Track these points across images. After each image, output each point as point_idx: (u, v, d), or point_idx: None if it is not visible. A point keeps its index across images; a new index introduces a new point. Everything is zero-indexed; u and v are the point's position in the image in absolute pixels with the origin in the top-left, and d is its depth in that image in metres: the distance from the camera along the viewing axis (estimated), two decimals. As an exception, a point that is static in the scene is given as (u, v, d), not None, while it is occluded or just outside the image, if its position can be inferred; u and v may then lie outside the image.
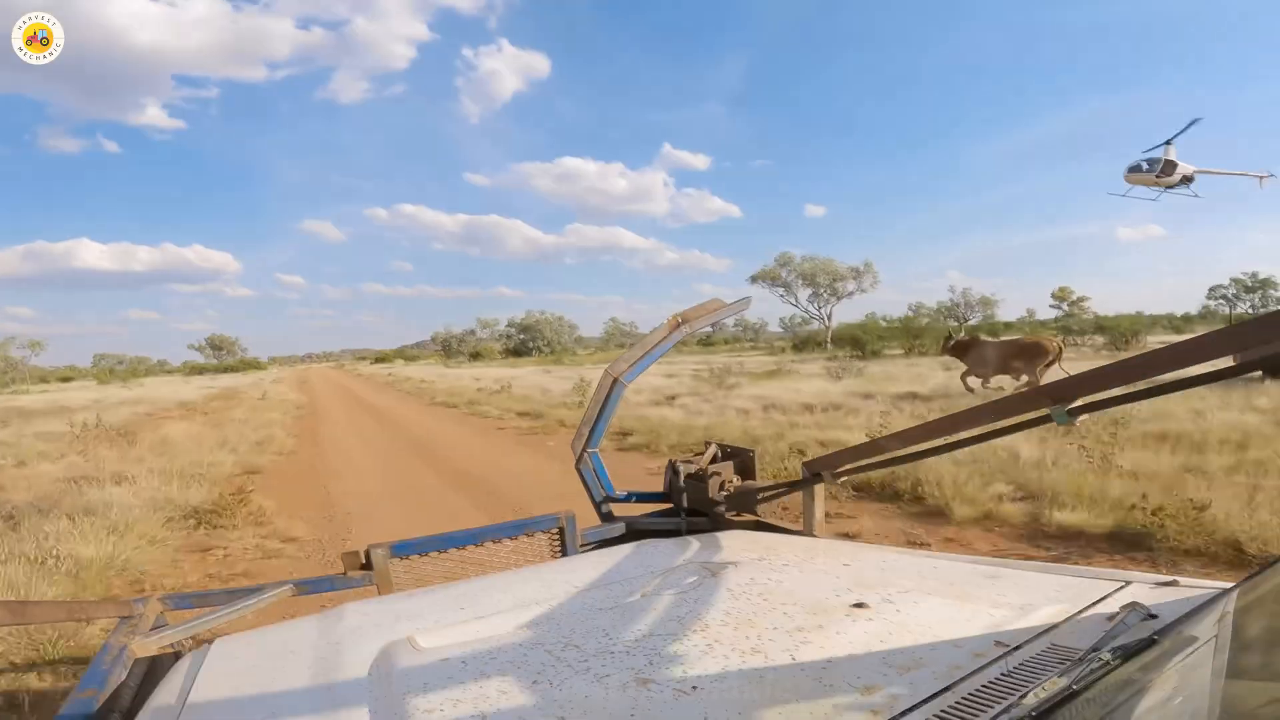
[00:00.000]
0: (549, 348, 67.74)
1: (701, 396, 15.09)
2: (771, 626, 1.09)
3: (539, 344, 68.84)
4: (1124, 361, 1.12)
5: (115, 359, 79.55)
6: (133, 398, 27.62)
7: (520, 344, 70.70)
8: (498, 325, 76.90)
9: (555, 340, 70.58)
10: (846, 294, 54.23)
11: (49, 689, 3.21)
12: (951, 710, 0.79)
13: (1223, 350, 1.00)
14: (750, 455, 2.28)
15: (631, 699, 0.90)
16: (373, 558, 1.85)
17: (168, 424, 15.58)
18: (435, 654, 1.09)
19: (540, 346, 68.98)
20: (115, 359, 79.55)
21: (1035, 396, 1.25)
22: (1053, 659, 0.89)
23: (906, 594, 1.18)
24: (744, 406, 12.78)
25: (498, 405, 16.91)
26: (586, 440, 2.20)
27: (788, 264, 54.59)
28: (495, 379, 25.19)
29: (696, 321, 2.26)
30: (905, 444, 1.68)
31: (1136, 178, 26.56)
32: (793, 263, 54.40)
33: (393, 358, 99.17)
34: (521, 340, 71.68)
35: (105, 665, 1.32)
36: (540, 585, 1.43)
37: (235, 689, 1.08)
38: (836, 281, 54.02)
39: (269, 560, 5.38)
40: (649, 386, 16.49)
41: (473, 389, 22.36)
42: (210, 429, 14.09)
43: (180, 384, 44.85)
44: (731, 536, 1.77)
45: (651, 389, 16.23)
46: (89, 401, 24.36)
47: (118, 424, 14.28)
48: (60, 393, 36.63)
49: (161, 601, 1.71)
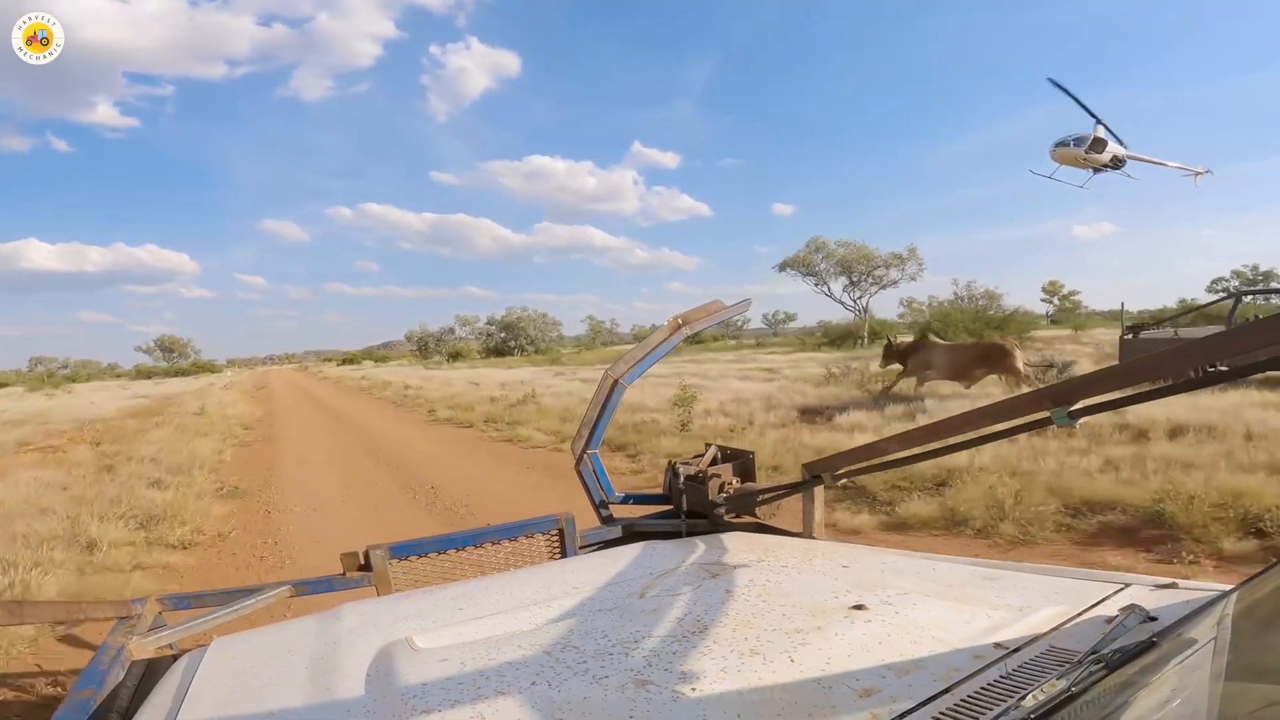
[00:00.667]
0: (532, 346, 64.50)
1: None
2: (770, 628, 1.09)
3: (520, 342, 65.30)
4: (1129, 363, 1.12)
5: (58, 362, 74.83)
6: (37, 411, 21.31)
7: (501, 343, 66.33)
8: (477, 322, 70.64)
9: (539, 338, 66.39)
10: (891, 282, 46.17)
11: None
12: (950, 712, 0.79)
13: (1224, 352, 1.00)
14: (750, 457, 2.28)
15: (630, 700, 0.90)
16: (372, 558, 1.84)
17: (15, 468, 9.37)
18: (433, 655, 1.08)
19: (523, 345, 64.76)
20: (58, 362, 74.83)
21: (1036, 398, 1.25)
22: (1052, 661, 0.89)
23: (905, 596, 1.18)
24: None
25: (540, 424, 11.07)
26: (586, 441, 2.20)
27: (821, 249, 47.09)
28: (501, 383, 20.88)
29: (697, 323, 2.26)
30: (905, 446, 1.68)
31: (1063, 154, 24.65)
32: (827, 248, 46.92)
33: (360, 358, 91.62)
34: (503, 339, 66.89)
35: (103, 666, 1.32)
36: (539, 586, 1.42)
37: (233, 689, 1.08)
38: (876, 270, 46.10)
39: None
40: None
41: (477, 397, 17.03)
42: (77, 479, 8.29)
43: (117, 391, 37.03)
44: (731, 538, 1.77)
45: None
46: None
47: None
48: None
49: (160, 602, 1.70)
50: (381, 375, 39.23)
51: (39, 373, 67.00)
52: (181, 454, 9.86)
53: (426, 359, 66.38)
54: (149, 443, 11.49)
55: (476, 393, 18.36)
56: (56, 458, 10.81)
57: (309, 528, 6.20)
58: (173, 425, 14.67)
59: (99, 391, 36.45)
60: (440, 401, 17.44)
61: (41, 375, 63.22)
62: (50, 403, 26.84)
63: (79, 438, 13.69)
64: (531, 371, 30.36)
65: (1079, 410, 1.18)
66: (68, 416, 18.85)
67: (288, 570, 5.06)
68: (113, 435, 13.82)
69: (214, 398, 24.06)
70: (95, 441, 12.81)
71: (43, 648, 3.57)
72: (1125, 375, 1.13)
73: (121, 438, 13.05)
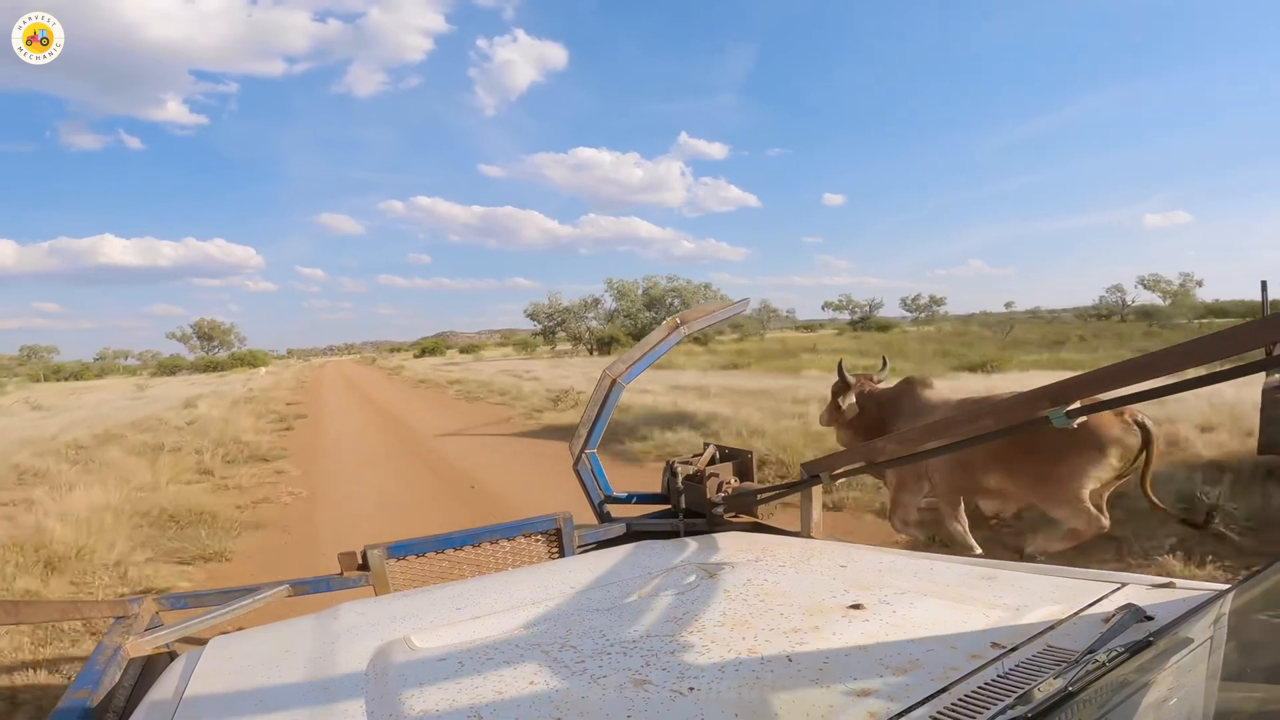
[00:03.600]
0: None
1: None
2: (768, 627, 1.09)
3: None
4: (1127, 362, 1.12)
5: (122, 354, 70.76)
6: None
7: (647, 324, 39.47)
8: (636, 290, 43.29)
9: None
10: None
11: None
12: (948, 711, 0.79)
13: (1225, 351, 1.00)
14: (748, 457, 2.28)
15: (628, 700, 0.89)
16: (369, 558, 1.84)
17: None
18: (431, 654, 1.08)
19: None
20: (122, 354, 70.76)
21: (1034, 398, 1.25)
22: (1049, 660, 0.89)
23: (903, 595, 1.18)
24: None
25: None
26: (585, 441, 2.21)
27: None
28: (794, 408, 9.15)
29: (695, 322, 2.27)
30: (904, 445, 1.68)
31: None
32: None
33: (442, 347, 73.50)
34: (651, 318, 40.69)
35: (100, 665, 1.32)
36: (537, 586, 1.42)
37: (230, 689, 1.08)
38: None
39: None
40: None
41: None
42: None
43: (131, 390, 28.27)
44: (728, 538, 1.77)
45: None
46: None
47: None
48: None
49: (157, 602, 1.70)
50: (494, 371, 25.41)
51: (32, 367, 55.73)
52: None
53: (551, 345, 46.58)
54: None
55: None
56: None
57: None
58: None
59: (98, 392, 28.34)
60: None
61: (49, 368, 53.88)
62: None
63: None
64: (750, 377, 15.97)
65: (1077, 409, 1.18)
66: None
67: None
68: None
69: (207, 425, 12.58)
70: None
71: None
72: (1124, 374, 1.13)
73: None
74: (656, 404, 11.04)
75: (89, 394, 28.45)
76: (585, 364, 27.37)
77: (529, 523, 2.06)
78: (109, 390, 31.57)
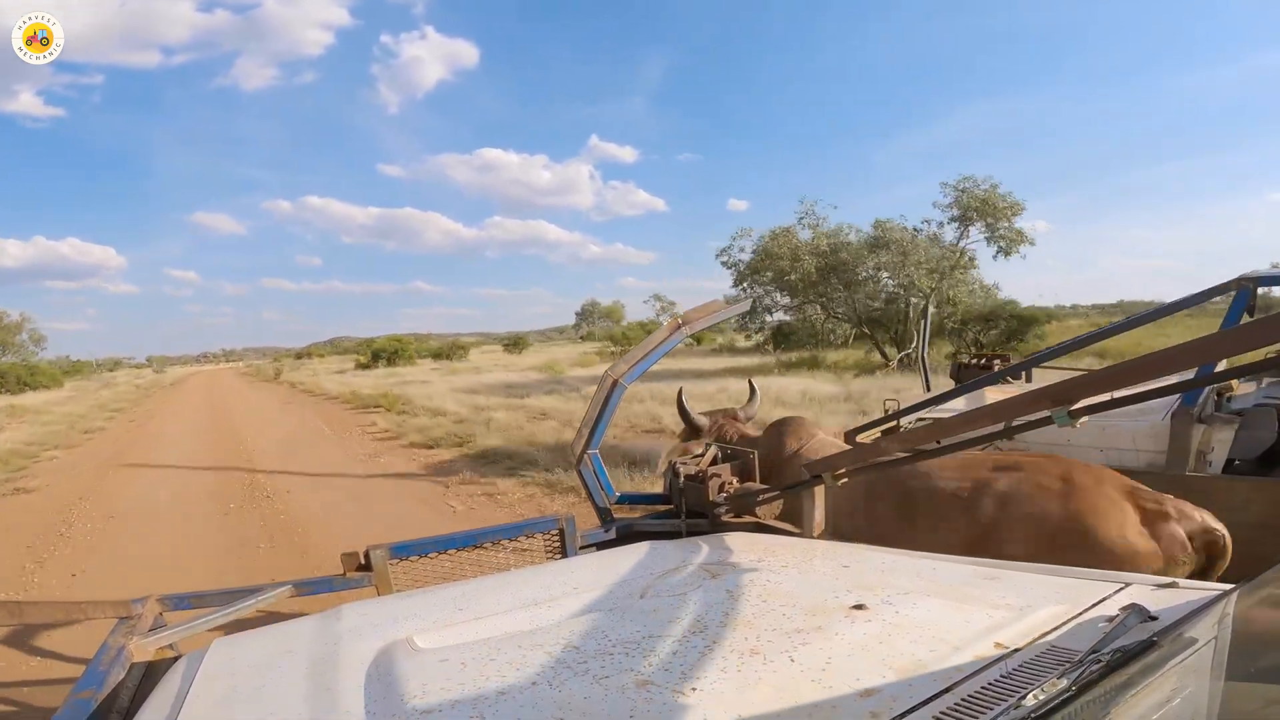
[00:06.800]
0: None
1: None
2: (770, 628, 1.09)
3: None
4: (1129, 362, 1.12)
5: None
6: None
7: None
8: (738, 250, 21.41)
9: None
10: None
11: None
12: (951, 712, 0.79)
13: (1226, 352, 1.00)
14: (750, 457, 2.28)
15: (631, 700, 0.90)
16: (372, 559, 1.84)
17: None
18: (434, 654, 1.08)
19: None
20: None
21: (1035, 398, 1.25)
22: (1052, 661, 0.89)
23: (905, 595, 1.18)
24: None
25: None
26: (586, 441, 2.21)
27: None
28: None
29: (697, 322, 2.27)
30: (906, 445, 1.68)
31: None
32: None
33: (408, 351, 41.68)
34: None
35: (103, 666, 1.32)
36: (539, 586, 1.42)
37: (233, 690, 1.08)
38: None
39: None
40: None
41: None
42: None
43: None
44: (731, 538, 1.77)
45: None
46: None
47: None
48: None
49: (160, 602, 1.70)
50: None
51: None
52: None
53: (596, 339, 39.10)
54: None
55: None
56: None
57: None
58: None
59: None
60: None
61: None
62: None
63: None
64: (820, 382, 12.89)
65: (1079, 410, 1.18)
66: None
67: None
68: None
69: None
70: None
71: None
72: (1125, 375, 1.13)
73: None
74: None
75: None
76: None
77: (531, 523, 2.06)
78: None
